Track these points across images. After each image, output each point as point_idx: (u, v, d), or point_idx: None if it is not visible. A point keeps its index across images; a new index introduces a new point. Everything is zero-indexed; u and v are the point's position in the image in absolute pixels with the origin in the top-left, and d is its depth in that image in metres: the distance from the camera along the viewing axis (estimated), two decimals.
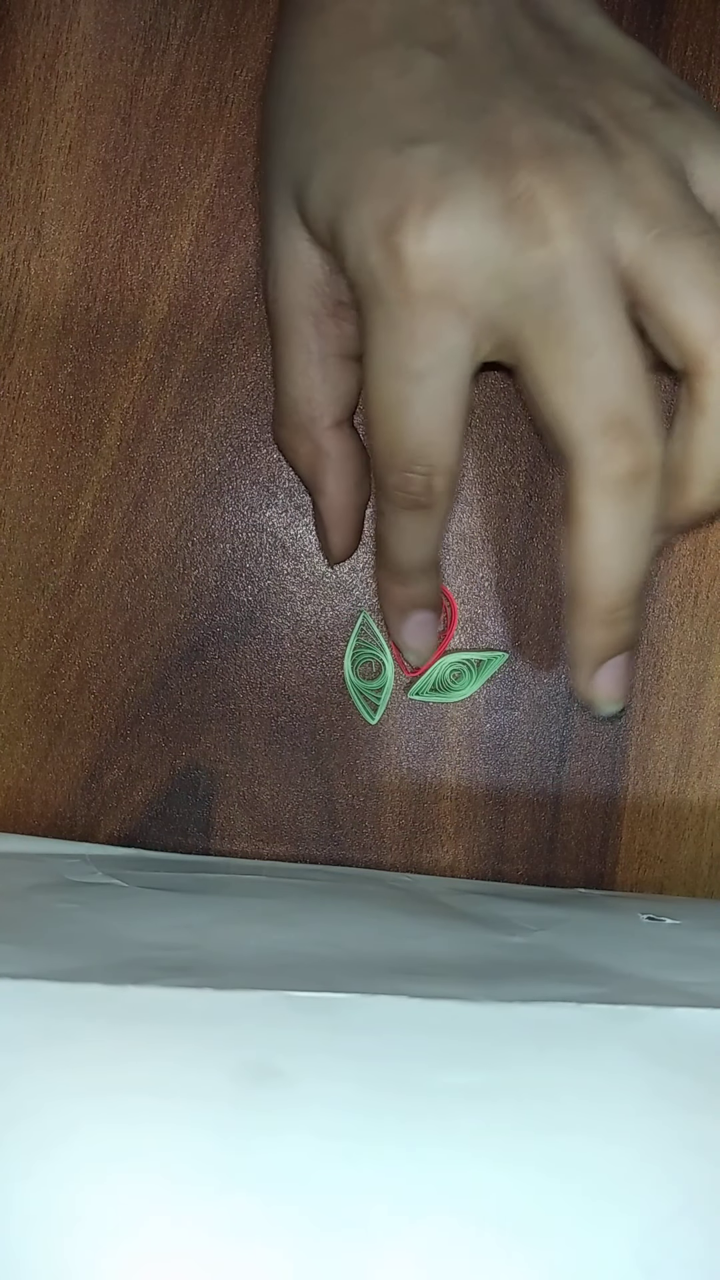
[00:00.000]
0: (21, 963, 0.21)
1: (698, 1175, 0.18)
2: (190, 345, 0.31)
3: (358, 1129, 0.18)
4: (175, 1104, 0.18)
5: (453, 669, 0.32)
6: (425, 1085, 0.19)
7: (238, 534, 0.31)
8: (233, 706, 0.32)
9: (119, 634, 0.31)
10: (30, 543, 0.31)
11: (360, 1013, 0.20)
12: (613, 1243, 0.17)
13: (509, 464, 0.31)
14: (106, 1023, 0.19)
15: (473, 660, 0.32)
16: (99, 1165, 0.17)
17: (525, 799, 0.32)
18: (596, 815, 0.32)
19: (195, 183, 0.30)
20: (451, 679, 0.32)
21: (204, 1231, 0.17)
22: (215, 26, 0.30)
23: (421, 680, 0.32)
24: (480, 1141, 0.18)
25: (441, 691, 0.32)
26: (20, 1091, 0.18)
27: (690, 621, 0.32)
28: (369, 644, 0.32)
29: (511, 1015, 0.20)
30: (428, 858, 0.32)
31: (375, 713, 0.32)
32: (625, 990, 0.22)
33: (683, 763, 0.32)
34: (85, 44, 0.30)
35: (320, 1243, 0.17)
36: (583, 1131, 0.18)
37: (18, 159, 0.30)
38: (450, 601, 0.32)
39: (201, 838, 0.32)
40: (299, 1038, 0.19)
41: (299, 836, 0.32)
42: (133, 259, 0.31)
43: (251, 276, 0.31)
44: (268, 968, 0.22)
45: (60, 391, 0.31)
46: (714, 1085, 0.19)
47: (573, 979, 0.23)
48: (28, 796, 0.32)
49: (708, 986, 0.23)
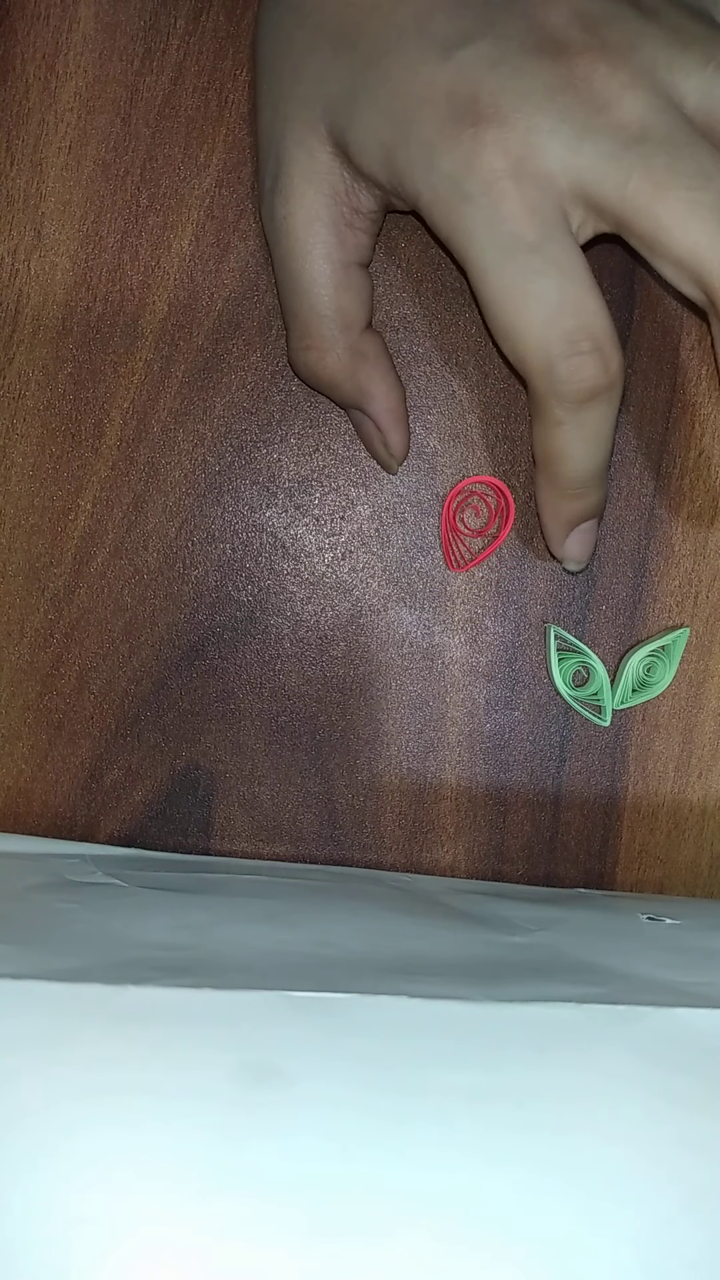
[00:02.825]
0: (21, 963, 0.21)
1: (697, 1175, 0.18)
2: (190, 345, 0.31)
3: (357, 1129, 0.18)
4: (175, 1104, 0.18)
5: (644, 664, 0.31)
6: (425, 1085, 0.19)
7: (238, 534, 0.31)
8: (233, 706, 0.32)
9: (119, 634, 0.31)
10: (30, 543, 0.31)
11: (360, 1013, 0.20)
12: (612, 1243, 0.17)
13: (509, 464, 0.31)
14: (106, 1023, 0.19)
15: (659, 648, 0.31)
16: (99, 1165, 0.17)
17: (525, 799, 0.32)
18: (596, 815, 0.32)
19: (195, 183, 0.30)
20: (646, 674, 0.31)
21: (204, 1232, 0.17)
22: (215, 26, 0.30)
23: (620, 690, 0.31)
24: (480, 1141, 0.18)
25: (643, 690, 0.31)
26: (20, 1092, 0.18)
27: (690, 622, 0.32)
28: (568, 653, 0.31)
29: (511, 1015, 0.20)
30: (428, 858, 0.32)
31: (602, 714, 0.31)
32: (625, 990, 0.22)
33: (683, 763, 0.32)
34: (85, 44, 0.30)
35: (320, 1243, 0.17)
36: (582, 1131, 0.18)
37: (18, 159, 0.30)
38: (505, 494, 0.31)
39: (201, 838, 0.32)
40: (299, 1038, 0.19)
41: (299, 836, 0.32)
42: (133, 259, 0.31)
43: (252, 276, 0.31)
44: (268, 968, 0.22)
45: (60, 391, 0.31)
46: (714, 1085, 0.19)
47: (573, 979, 0.23)
48: (28, 796, 0.32)
49: (708, 986, 0.23)
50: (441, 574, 0.32)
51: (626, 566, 0.32)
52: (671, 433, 0.32)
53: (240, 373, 0.31)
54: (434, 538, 0.32)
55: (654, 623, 0.32)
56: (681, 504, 0.32)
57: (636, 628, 0.32)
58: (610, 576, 0.32)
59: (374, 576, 0.32)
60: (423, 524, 0.32)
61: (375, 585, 0.32)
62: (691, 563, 0.32)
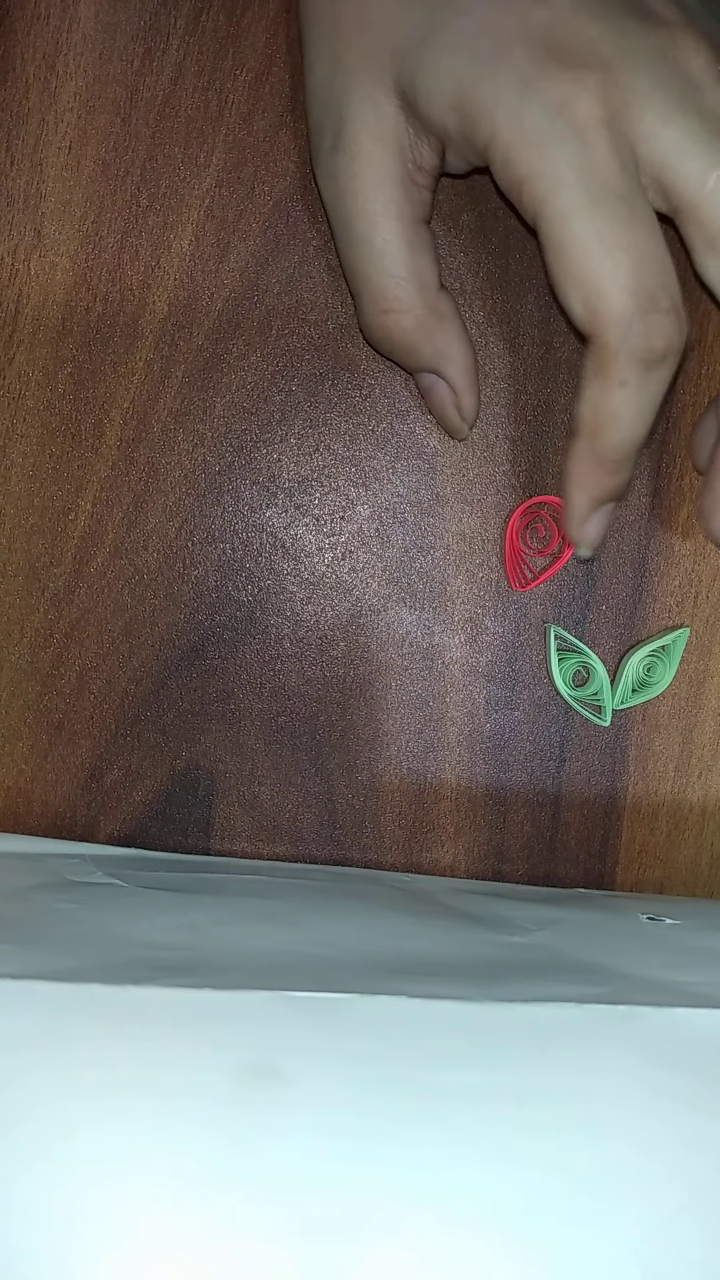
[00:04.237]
0: (21, 963, 0.21)
1: (697, 1174, 0.18)
2: (190, 345, 0.31)
3: (357, 1129, 0.18)
4: (175, 1104, 0.18)
5: (644, 664, 0.31)
6: (425, 1085, 0.19)
7: (238, 534, 0.31)
8: (233, 706, 0.32)
9: (119, 634, 0.31)
10: (30, 543, 0.31)
11: (360, 1013, 0.20)
12: (612, 1242, 0.17)
13: (509, 464, 0.31)
14: (106, 1023, 0.19)
15: (659, 648, 0.31)
16: (99, 1165, 0.17)
17: (525, 799, 0.32)
18: (596, 815, 0.32)
19: (195, 183, 0.30)
20: (646, 674, 0.31)
21: (204, 1231, 0.17)
22: (215, 26, 0.30)
23: (620, 690, 0.31)
24: (480, 1141, 0.18)
25: (643, 690, 0.31)
26: (20, 1092, 0.18)
27: (690, 622, 0.32)
28: (568, 653, 0.31)
29: (511, 1015, 0.20)
30: (428, 858, 0.32)
31: (602, 715, 0.31)
32: (625, 990, 0.22)
33: (683, 763, 0.32)
34: (85, 44, 0.30)
35: (320, 1243, 0.17)
36: (582, 1131, 0.18)
37: (18, 159, 0.30)
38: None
39: (201, 838, 0.32)
40: (299, 1038, 0.19)
41: (299, 836, 0.32)
42: (133, 259, 0.31)
43: (252, 276, 0.31)
44: (268, 968, 0.22)
45: (60, 391, 0.31)
46: (714, 1085, 0.19)
47: (572, 979, 0.23)
48: (28, 796, 0.32)
49: (708, 986, 0.23)
50: (442, 574, 0.32)
51: (626, 566, 0.32)
52: (671, 433, 0.32)
53: (240, 373, 0.31)
54: (434, 538, 0.32)
55: (654, 623, 0.32)
56: (682, 504, 0.32)
57: (636, 628, 0.32)
58: (610, 576, 0.32)
59: (374, 576, 0.32)
60: (423, 524, 0.32)
61: (375, 585, 0.32)
62: (691, 563, 0.32)
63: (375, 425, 0.31)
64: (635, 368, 0.25)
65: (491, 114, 0.24)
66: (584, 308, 0.24)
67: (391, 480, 0.31)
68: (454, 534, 0.32)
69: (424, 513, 0.32)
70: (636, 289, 0.24)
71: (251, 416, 0.31)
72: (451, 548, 0.32)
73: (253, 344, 0.31)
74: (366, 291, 0.27)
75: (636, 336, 0.24)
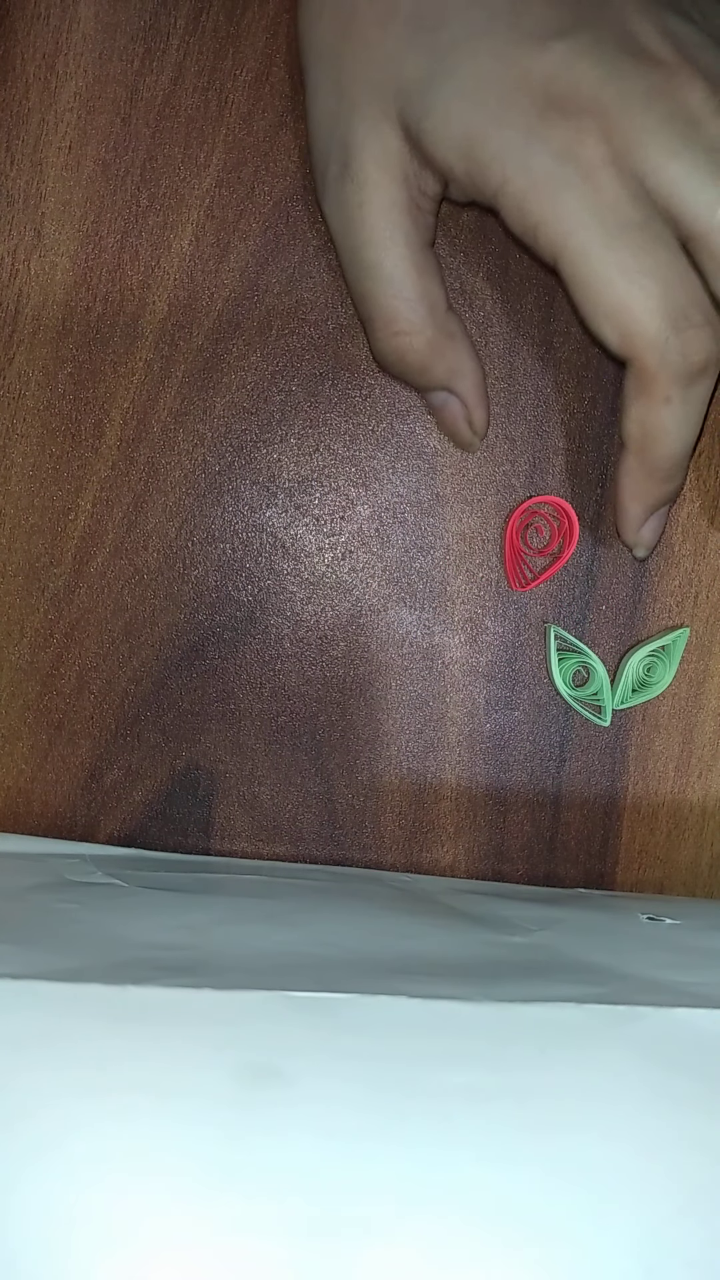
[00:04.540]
0: (21, 963, 0.21)
1: (698, 1174, 0.18)
2: (190, 345, 0.31)
3: (357, 1129, 0.18)
4: (175, 1104, 0.18)
5: (644, 664, 0.31)
6: (425, 1085, 0.19)
7: (238, 534, 0.31)
8: (233, 706, 0.32)
9: (119, 634, 0.31)
10: (30, 543, 0.31)
11: (360, 1013, 0.20)
12: (613, 1242, 0.17)
13: (509, 464, 0.31)
14: (106, 1023, 0.19)
15: (659, 648, 0.31)
16: (99, 1165, 0.17)
17: (525, 799, 0.32)
18: (596, 815, 0.32)
19: (195, 183, 0.30)
20: (646, 674, 0.31)
21: (204, 1231, 0.17)
22: (215, 26, 0.30)
23: (620, 690, 0.31)
24: (480, 1141, 0.18)
25: (643, 690, 0.31)
26: (20, 1091, 0.18)
27: (690, 622, 0.32)
28: (568, 653, 0.31)
29: (511, 1015, 0.20)
30: (428, 858, 0.32)
31: (602, 715, 0.31)
32: (625, 990, 0.22)
33: (683, 763, 0.32)
34: (85, 44, 0.30)
35: (320, 1242, 0.17)
36: (582, 1131, 0.18)
37: (18, 159, 0.30)
38: (569, 513, 0.31)
39: (201, 838, 0.32)
40: (299, 1038, 0.19)
41: (299, 836, 0.32)
42: (133, 259, 0.31)
43: (252, 276, 0.31)
44: (268, 968, 0.22)
45: (60, 391, 0.31)
46: (714, 1085, 0.19)
47: (573, 979, 0.23)
48: (28, 796, 0.32)
49: (708, 986, 0.23)
50: (442, 574, 0.32)
51: (626, 566, 0.32)
52: None
53: (240, 373, 0.31)
54: (434, 538, 0.32)
55: (654, 623, 0.32)
56: (682, 504, 0.32)
57: (636, 628, 0.32)
58: (610, 576, 0.32)
59: (374, 576, 0.32)
60: (423, 524, 0.32)
61: (375, 585, 0.32)
62: (691, 563, 0.32)
63: (375, 425, 0.31)
64: (678, 384, 0.26)
65: (502, 163, 0.25)
66: (619, 336, 0.25)
67: (391, 480, 0.31)
68: (454, 534, 0.32)
69: (424, 513, 0.32)
70: (668, 310, 0.25)
71: (251, 416, 0.31)
72: (451, 548, 0.32)
73: (253, 344, 0.31)
74: (378, 316, 0.28)
75: (675, 354, 0.25)
